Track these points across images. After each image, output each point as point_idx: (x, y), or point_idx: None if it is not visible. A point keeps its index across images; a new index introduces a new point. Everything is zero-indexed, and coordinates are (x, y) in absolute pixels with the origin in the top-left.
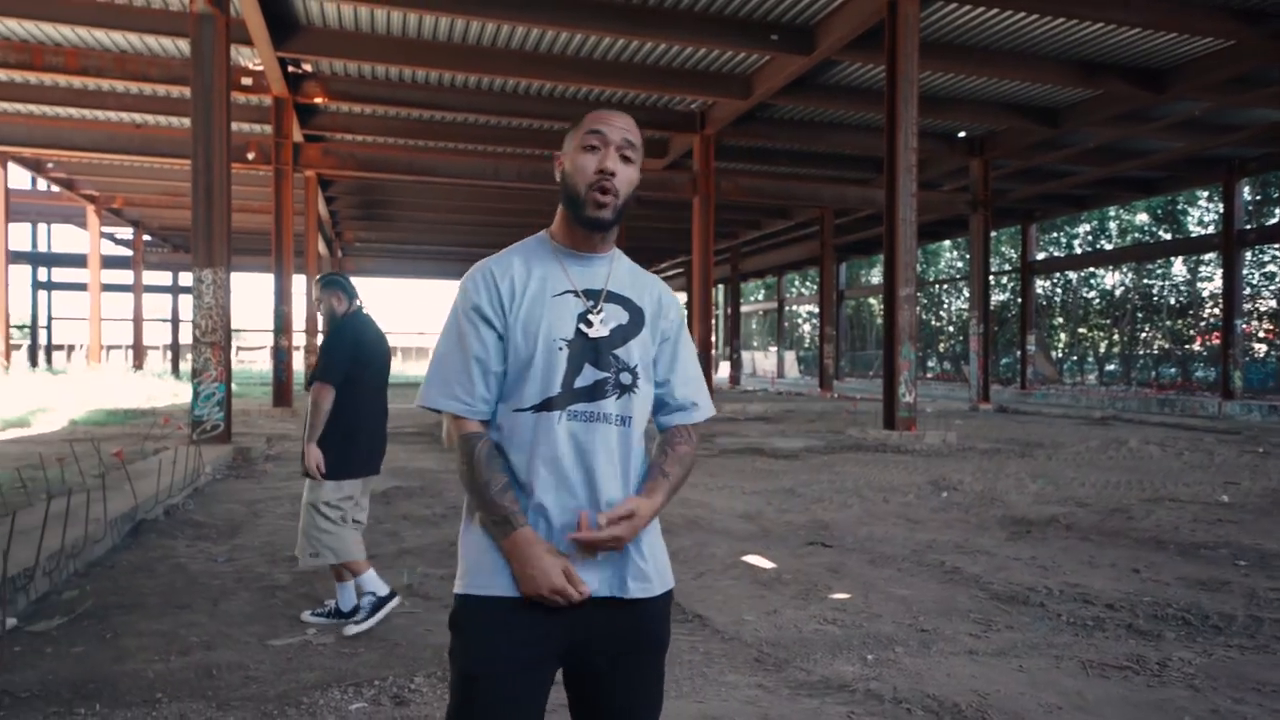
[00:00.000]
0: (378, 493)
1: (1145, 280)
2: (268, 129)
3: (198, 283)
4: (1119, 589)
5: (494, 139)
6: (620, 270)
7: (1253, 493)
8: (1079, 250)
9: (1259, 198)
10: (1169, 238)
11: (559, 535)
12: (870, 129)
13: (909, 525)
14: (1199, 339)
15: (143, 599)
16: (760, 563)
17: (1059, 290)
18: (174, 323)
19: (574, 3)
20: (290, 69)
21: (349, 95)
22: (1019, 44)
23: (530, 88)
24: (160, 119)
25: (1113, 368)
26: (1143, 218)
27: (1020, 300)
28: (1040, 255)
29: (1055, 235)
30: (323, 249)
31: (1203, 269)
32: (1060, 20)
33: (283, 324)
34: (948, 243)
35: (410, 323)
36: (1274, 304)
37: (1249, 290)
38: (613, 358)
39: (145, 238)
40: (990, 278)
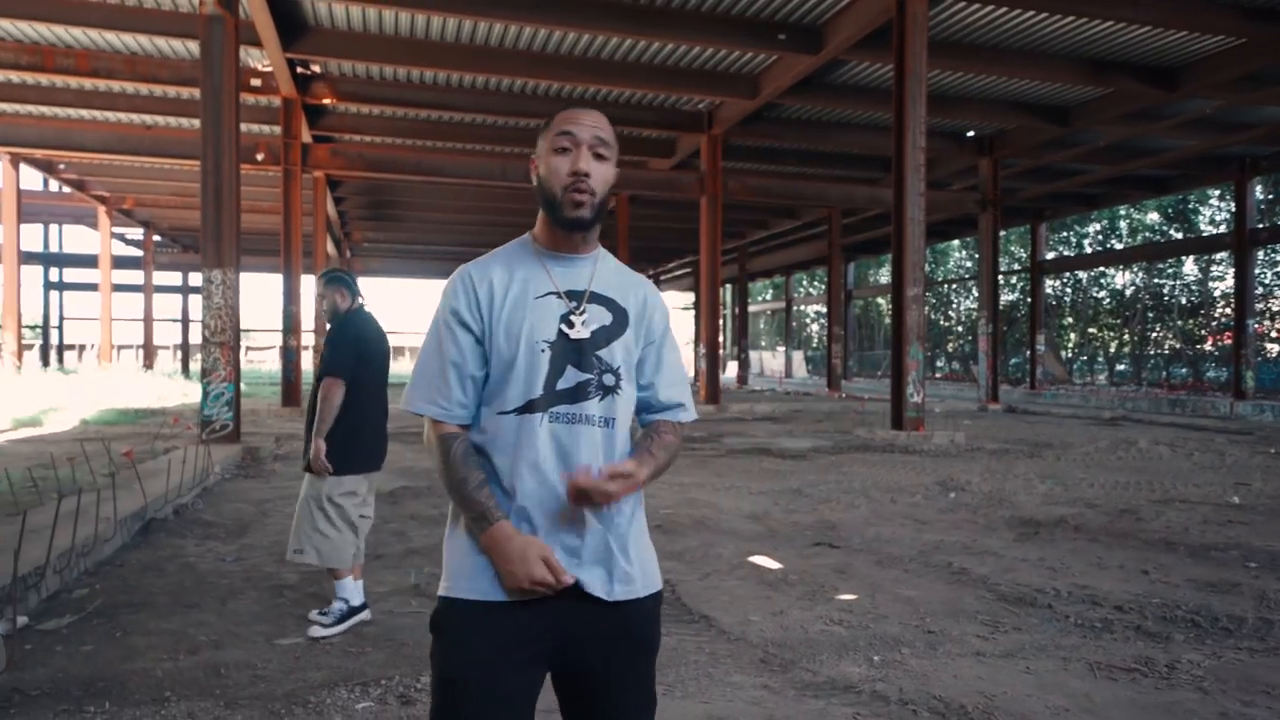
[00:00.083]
0: (384, 492)
1: (1156, 280)
2: (277, 130)
3: (207, 283)
4: (1128, 590)
5: (501, 139)
6: (605, 270)
7: (1264, 494)
8: (1089, 249)
9: (1271, 196)
10: (1180, 237)
11: (542, 537)
12: (878, 128)
13: (916, 526)
14: (1210, 339)
15: (152, 598)
16: (767, 563)
17: (1069, 290)
18: (184, 323)
19: (581, 3)
20: (299, 70)
21: (357, 96)
22: (1028, 42)
23: (538, 88)
24: (170, 120)
25: (1123, 368)
26: (1154, 217)
27: (1030, 300)
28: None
29: (1065, 234)
30: (331, 249)
31: (1214, 268)
32: (1070, 19)
33: (291, 324)
34: (956, 242)
35: (418, 323)
36: None
37: (1261, 290)
38: (595, 359)
39: (155, 238)
40: (999, 277)
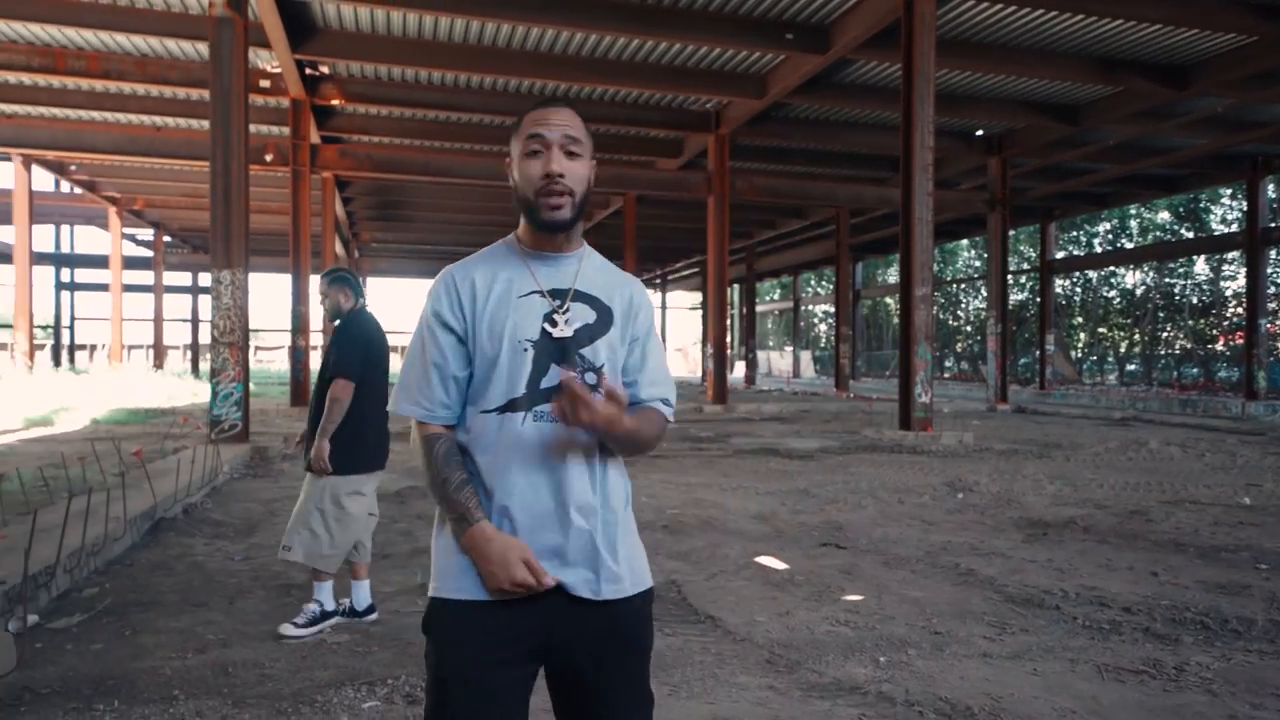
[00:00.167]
0: (391, 492)
1: (1167, 279)
2: (285, 131)
3: (216, 284)
4: (1137, 592)
5: (509, 140)
6: (590, 269)
7: (1276, 495)
8: (1099, 249)
9: None
10: (1191, 236)
11: (524, 537)
12: (886, 128)
13: (924, 527)
14: (1222, 339)
15: (161, 597)
16: (773, 564)
17: (1079, 289)
18: (194, 323)
19: (588, 3)
20: (307, 71)
21: (365, 97)
22: (1037, 41)
23: (545, 88)
24: (180, 121)
25: (1133, 368)
26: (1164, 216)
27: (1039, 299)
28: (1059, 254)
29: (1075, 234)
30: (340, 250)
31: (1226, 268)
32: (1079, 17)
33: (300, 324)
34: (965, 241)
35: None
36: None
37: (1273, 289)
38: (579, 357)
39: (165, 239)
40: (1008, 277)
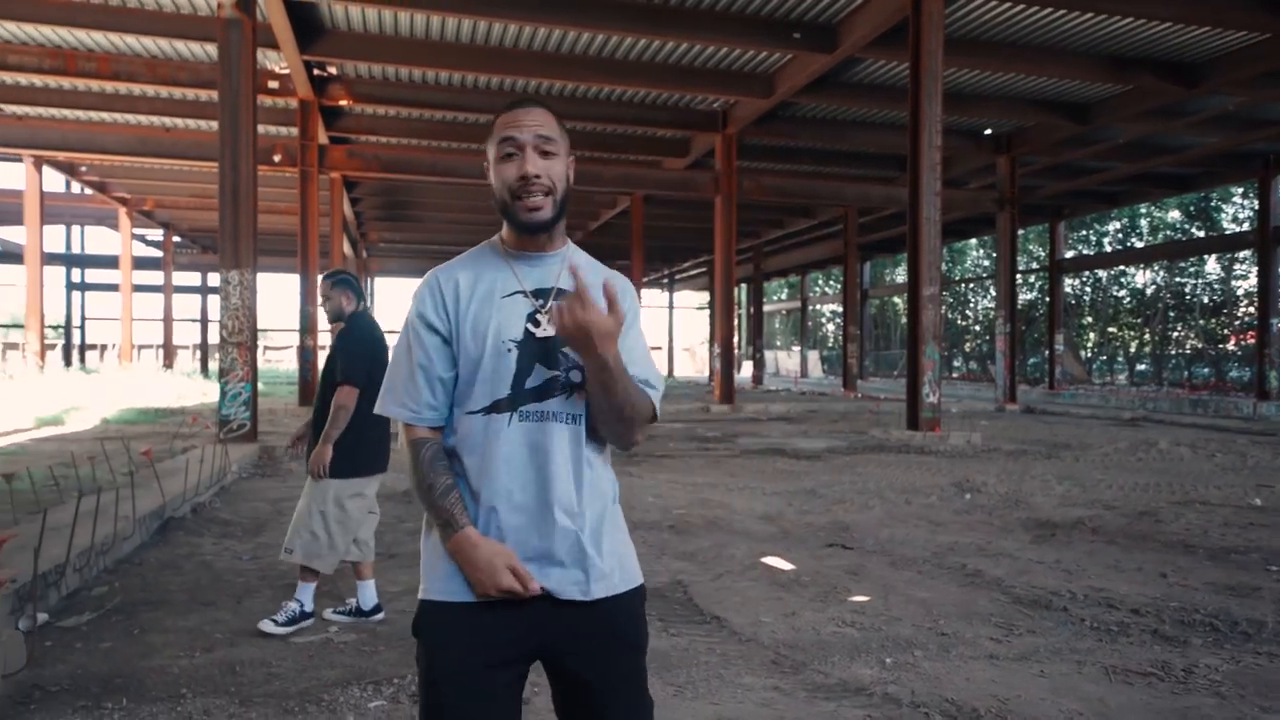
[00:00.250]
0: (398, 492)
1: (1178, 278)
2: (293, 131)
3: (225, 284)
4: (1145, 594)
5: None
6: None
7: None
8: (1109, 248)
9: None
10: (1202, 235)
11: (511, 538)
12: (894, 127)
13: (931, 527)
14: (1233, 338)
15: (169, 596)
16: (779, 564)
17: (1088, 289)
18: (203, 323)
19: (595, 3)
20: (315, 72)
21: (373, 97)
22: (1047, 39)
23: (552, 88)
24: (189, 122)
25: (1143, 368)
26: (1175, 214)
27: (1048, 299)
28: (1069, 253)
29: (1085, 233)
30: (348, 250)
31: (1237, 267)
32: (1089, 15)
33: (308, 324)
34: (974, 241)
35: None
36: None
37: None
38: (562, 356)
39: (175, 239)
40: (1017, 276)
